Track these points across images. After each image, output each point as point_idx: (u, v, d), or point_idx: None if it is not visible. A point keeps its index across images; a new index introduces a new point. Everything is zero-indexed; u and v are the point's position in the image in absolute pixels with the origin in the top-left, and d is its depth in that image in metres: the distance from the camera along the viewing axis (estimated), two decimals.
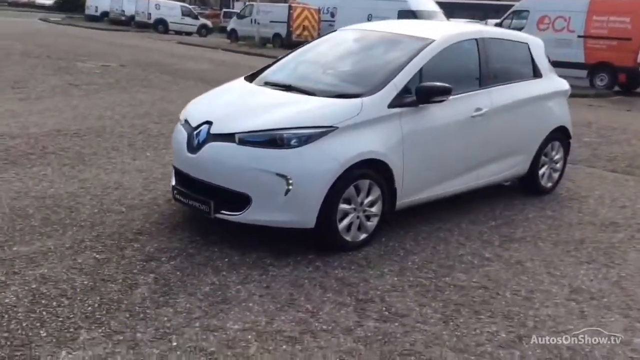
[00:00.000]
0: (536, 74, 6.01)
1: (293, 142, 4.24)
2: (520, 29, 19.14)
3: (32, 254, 4.14)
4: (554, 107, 6.12)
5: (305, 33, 26.50)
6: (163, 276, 3.96)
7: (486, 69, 5.41)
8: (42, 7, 54.85)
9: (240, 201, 4.29)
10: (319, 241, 4.49)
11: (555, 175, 6.38)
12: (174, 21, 36.40)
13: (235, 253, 4.38)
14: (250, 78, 5.36)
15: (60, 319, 3.36)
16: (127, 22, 37.25)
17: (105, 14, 39.76)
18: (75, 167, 6.29)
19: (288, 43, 25.33)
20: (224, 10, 46.65)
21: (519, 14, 19.83)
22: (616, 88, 18.19)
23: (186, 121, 4.76)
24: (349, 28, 6.06)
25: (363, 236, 4.60)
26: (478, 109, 5.20)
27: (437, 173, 5.07)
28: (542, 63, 6.07)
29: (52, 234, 4.52)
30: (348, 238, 4.50)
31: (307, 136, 4.24)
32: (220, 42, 29.89)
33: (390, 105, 4.59)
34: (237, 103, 4.91)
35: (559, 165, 6.37)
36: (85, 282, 3.82)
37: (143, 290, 3.76)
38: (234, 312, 3.58)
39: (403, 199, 4.84)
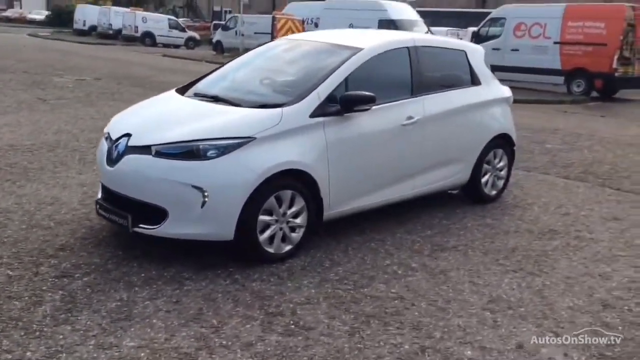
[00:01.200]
0: (474, 81, 5.99)
1: (210, 153, 4.20)
2: (497, 36, 19.26)
3: None
4: (494, 114, 6.10)
5: None
6: (71, 293, 3.90)
7: (419, 77, 5.38)
8: (34, 22, 54.88)
9: (157, 215, 4.24)
10: (240, 253, 4.43)
11: (500, 182, 6.35)
12: (161, 34, 36.47)
13: (154, 268, 4.32)
14: (183, 90, 5.32)
15: None
16: (114, 36, 37.35)
17: (93, 28, 39.85)
18: (17, 183, 6.22)
19: None
20: (214, 22, 46.78)
21: (495, 21, 19.89)
22: (594, 94, 18.20)
23: (108, 134, 4.72)
24: (285, 38, 6.04)
25: (287, 248, 4.55)
26: (409, 117, 5.17)
27: (368, 183, 5.02)
28: (481, 70, 6.04)
29: None
30: (271, 250, 4.45)
31: (224, 147, 4.21)
32: (206, 54, 29.94)
33: (313, 115, 4.55)
34: (160, 115, 4.87)
35: (503, 173, 6.34)
36: None
37: (46, 307, 3.70)
38: (134, 329, 3.52)
39: (331, 210, 4.79)
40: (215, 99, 4.86)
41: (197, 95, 5.08)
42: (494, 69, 19.22)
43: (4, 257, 4.40)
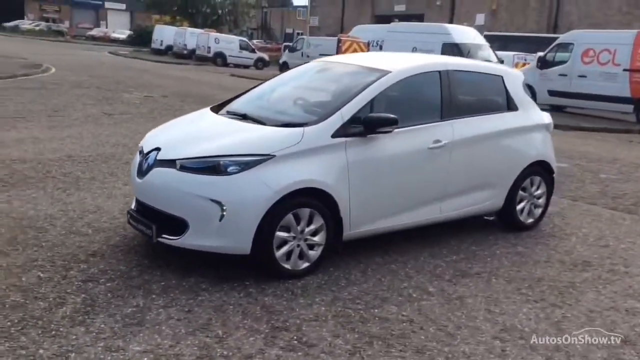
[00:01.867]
0: (510, 107, 5.91)
1: (230, 169, 4.34)
2: (564, 62, 18.80)
3: None
4: (531, 140, 5.99)
5: None
6: (92, 297, 4.10)
7: (449, 101, 5.36)
8: (117, 41, 57.58)
9: (179, 226, 4.40)
10: (256, 268, 4.53)
11: (537, 211, 6.20)
12: (232, 55, 37.54)
13: (174, 277, 4.49)
14: (218, 108, 5.52)
15: None
16: (188, 56, 38.71)
17: (169, 48, 41.49)
18: (66, 191, 6.58)
19: None
20: (284, 44, 47.78)
21: (563, 46, 19.40)
22: None
23: (142, 148, 4.95)
24: (319, 60, 6.16)
25: (305, 265, 4.62)
26: (437, 141, 5.16)
27: (391, 204, 5.04)
28: (518, 96, 5.96)
29: (11, 253, 4.75)
30: (287, 266, 4.53)
31: (244, 163, 4.34)
32: (270, 75, 30.57)
33: (335, 135, 4.63)
34: (189, 131, 5.08)
35: (541, 201, 6.19)
36: (17, 299, 4.00)
37: (67, 309, 3.91)
38: (143, 334, 3.66)
39: (352, 230, 4.83)
40: (244, 117, 5.02)
41: (228, 113, 5.26)
42: (560, 95, 18.97)
43: (39, 259, 4.67)
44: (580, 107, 19.01)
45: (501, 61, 22.35)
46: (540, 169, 6.11)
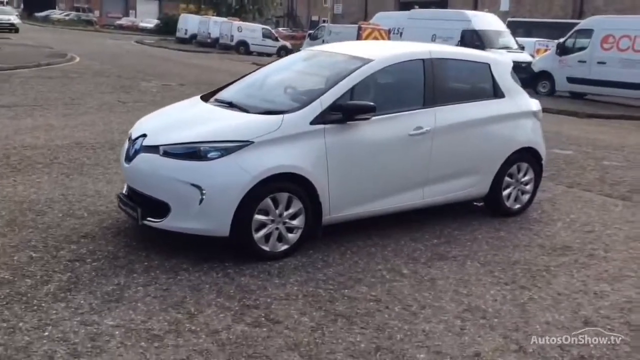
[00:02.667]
0: (497, 94, 5.98)
1: (210, 154, 4.54)
2: (583, 48, 18.57)
3: None
4: (518, 127, 6.05)
5: None
6: (78, 275, 4.34)
7: (432, 88, 5.47)
8: (145, 30, 58.16)
9: (162, 209, 4.62)
10: (236, 250, 4.73)
11: (525, 197, 6.28)
12: (254, 43, 37.74)
13: (158, 258, 4.70)
14: (208, 96, 5.71)
15: None
16: (212, 44, 39.04)
17: (193, 37, 41.87)
18: (70, 176, 6.86)
19: None
20: (308, 32, 47.82)
21: (582, 33, 19.14)
22: None
23: (130, 134, 5.17)
24: (308, 49, 6.30)
25: (284, 247, 4.79)
26: (418, 128, 5.28)
27: (371, 189, 5.17)
28: (505, 83, 6.02)
29: (8, 234, 5.03)
30: (266, 248, 4.71)
31: (224, 149, 4.53)
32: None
33: (314, 122, 4.78)
34: (176, 118, 5.28)
35: (528, 187, 6.27)
36: (6, 277, 4.26)
37: (51, 286, 4.15)
38: (119, 310, 3.89)
39: (332, 214, 4.99)
40: (230, 105, 5.20)
41: (216, 101, 5.44)
42: (580, 82, 18.75)
43: (33, 240, 4.93)
44: (600, 94, 18.79)
45: (522, 48, 22.18)
46: (528, 156, 6.18)
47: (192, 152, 4.57)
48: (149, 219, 4.71)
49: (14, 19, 40.64)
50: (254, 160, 4.54)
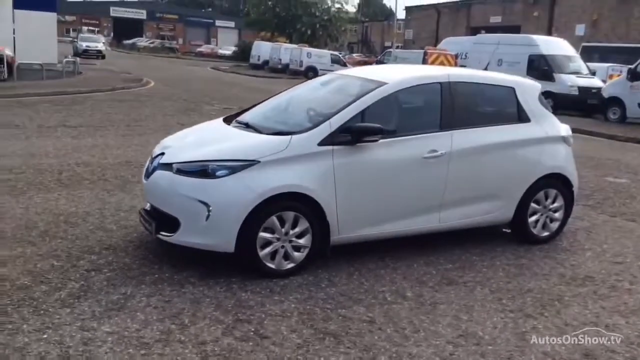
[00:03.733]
0: (522, 118, 5.87)
1: (218, 173, 4.71)
2: None
3: (5, 257, 4.98)
4: (544, 152, 5.89)
5: None
6: (90, 284, 4.57)
7: (450, 111, 5.44)
8: (223, 57, 60.24)
9: (173, 224, 4.81)
10: (243, 266, 4.84)
11: (554, 225, 6.08)
12: (323, 68, 38.19)
13: (169, 271, 4.89)
14: (231, 117, 5.91)
15: None
16: (283, 70, 39.97)
17: (266, 63, 43.03)
18: (111, 192, 7.22)
19: None
20: (379, 57, 48.12)
21: None
22: None
23: (153, 153, 5.43)
24: (331, 73, 6.41)
25: (290, 265, 4.87)
26: (433, 151, 5.25)
27: (383, 211, 5.18)
28: (531, 107, 5.90)
29: (38, 243, 5.36)
30: (272, 265, 4.81)
31: (231, 168, 4.68)
32: None
33: (322, 143, 4.86)
34: (194, 138, 5.49)
35: (557, 215, 6.07)
36: (26, 282, 4.55)
37: (62, 293, 4.40)
38: (118, 318, 4.07)
39: (341, 235, 5.03)
40: (247, 126, 5.37)
41: (236, 122, 5.63)
42: None
43: (59, 250, 5.23)
44: None
45: (593, 73, 21.46)
46: (557, 182, 6.00)
47: (201, 170, 4.75)
48: (162, 233, 4.91)
49: (101, 46, 43.16)
50: (259, 179, 4.67)
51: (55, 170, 8.14)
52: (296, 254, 4.88)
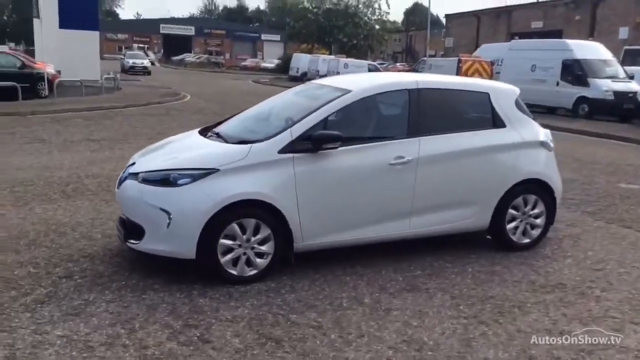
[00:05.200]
0: (496, 124, 5.80)
1: (180, 181, 4.85)
2: None
3: None
4: (520, 158, 5.80)
5: None
6: (57, 290, 4.76)
7: (417, 118, 5.44)
8: (266, 70, 61.07)
9: (140, 232, 4.97)
10: (206, 273, 4.96)
11: (535, 231, 5.97)
12: None
13: (137, 278, 5.04)
14: (208, 128, 6.04)
15: None
16: None
17: (304, 74, 43.36)
18: (109, 203, 7.46)
19: None
20: (414, 66, 47.92)
21: None
22: None
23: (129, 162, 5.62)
24: (306, 83, 6.48)
25: (253, 272, 4.96)
26: (399, 157, 5.26)
27: (349, 218, 5.21)
28: (507, 112, 5.83)
29: (22, 251, 5.61)
30: (234, 272, 4.90)
31: (191, 176, 4.82)
32: None
33: (282, 151, 4.95)
34: (166, 149, 5.65)
35: (539, 221, 5.96)
36: None
37: (29, 298, 4.59)
38: (73, 322, 4.23)
39: (305, 242, 5.09)
40: (217, 136, 5.51)
41: (209, 132, 5.76)
42: None
43: (40, 258, 5.46)
44: None
45: (631, 77, 20.87)
46: (536, 188, 5.90)
47: (164, 179, 4.90)
48: (130, 241, 5.07)
49: (147, 63, 44.51)
50: (218, 187, 4.78)
51: (63, 183, 8.47)
52: (259, 260, 4.96)
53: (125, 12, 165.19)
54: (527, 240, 5.96)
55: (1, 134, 13.10)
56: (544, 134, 6.07)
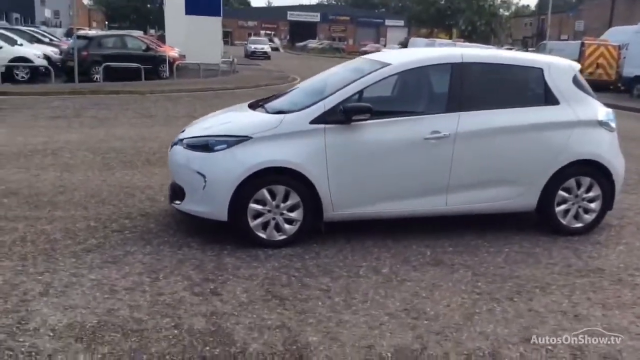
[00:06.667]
0: (549, 100, 5.54)
1: (216, 147, 5.15)
2: None
3: (57, 217, 5.85)
4: (574, 137, 5.49)
5: (600, 71, 24.68)
6: (106, 242, 5.24)
7: (459, 93, 5.34)
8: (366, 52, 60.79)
9: (182, 193, 5.34)
10: (238, 235, 5.23)
11: (588, 216, 5.66)
12: None
13: (179, 236, 5.42)
14: (258, 101, 6.27)
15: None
16: None
17: None
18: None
19: None
20: (533, 49, 45.60)
21: None
22: None
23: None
24: (361, 57, 6.51)
25: (282, 237, 5.16)
26: (435, 132, 5.22)
27: (381, 190, 5.25)
28: (562, 89, 5.53)
29: (90, 208, 6.20)
30: (263, 235, 5.14)
31: (226, 143, 5.10)
32: None
33: (314, 122, 5.09)
34: (216, 119, 5.96)
35: (594, 205, 5.65)
36: (57, 237, 5.32)
37: (78, 247, 5.09)
38: (108, 269, 4.64)
39: (337, 211, 5.21)
40: (261, 107, 5.75)
41: (258, 104, 6.01)
42: None
43: (103, 214, 6.00)
44: None
45: None
46: (592, 170, 5.59)
47: (203, 144, 5.22)
48: (175, 202, 5.45)
49: (267, 48, 46.03)
50: (249, 153, 5.02)
51: (151, 152, 9.14)
52: (287, 226, 5.15)
53: (257, 0, 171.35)
54: (579, 225, 5.67)
55: (117, 109, 14.25)
56: (604, 114, 5.71)
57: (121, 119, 12.77)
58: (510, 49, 43.76)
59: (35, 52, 20.55)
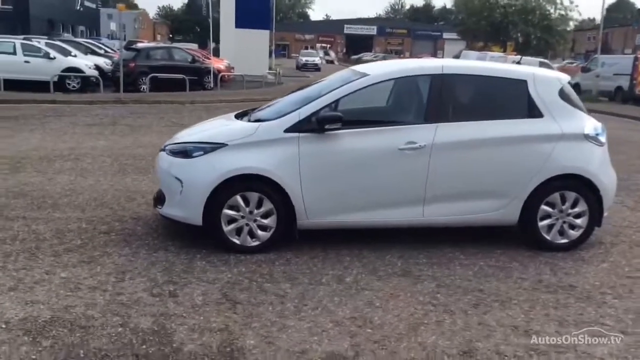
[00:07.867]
0: (533, 113, 5.44)
1: (194, 154, 5.30)
2: None
3: (54, 218, 6.13)
4: (558, 151, 5.36)
5: None
6: (89, 242, 5.45)
7: (438, 104, 5.32)
8: None
9: (163, 198, 5.52)
10: (213, 240, 5.36)
11: (574, 232, 5.51)
12: None
13: (161, 239, 5.60)
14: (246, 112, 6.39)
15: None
16: None
17: None
18: None
19: (630, 97, 23.66)
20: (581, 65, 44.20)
21: None
22: None
23: None
24: (347, 68, 6.55)
25: (255, 243, 5.25)
26: (411, 143, 5.21)
27: (355, 200, 5.26)
28: (546, 102, 5.41)
29: (87, 210, 6.47)
30: (237, 241, 5.24)
31: (202, 149, 5.25)
32: None
33: (288, 130, 5.18)
34: (201, 127, 6.13)
35: (580, 221, 5.49)
36: (47, 236, 5.59)
37: (62, 247, 5.32)
38: (80, 268, 4.84)
39: (310, 219, 5.26)
40: (245, 117, 5.88)
41: (244, 114, 6.13)
42: None
43: (97, 216, 6.24)
44: None
45: None
46: (578, 184, 5.44)
47: (182, 151, 5.38)
48: (158, 206, 5.63)
49: (317, 60, 46.65)
50: (223, 160, 5.14)
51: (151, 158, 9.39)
52: (261, 233, 5.23)
53: (316, 14, 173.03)
54: (564, 241, 5.51)
55: (153, 118, 14.76)
56: (592, 128, 5.55)
57: (154, 128, 13.22)
58: (572, 63, 42.74)
59: (86, 62, 21.44)
